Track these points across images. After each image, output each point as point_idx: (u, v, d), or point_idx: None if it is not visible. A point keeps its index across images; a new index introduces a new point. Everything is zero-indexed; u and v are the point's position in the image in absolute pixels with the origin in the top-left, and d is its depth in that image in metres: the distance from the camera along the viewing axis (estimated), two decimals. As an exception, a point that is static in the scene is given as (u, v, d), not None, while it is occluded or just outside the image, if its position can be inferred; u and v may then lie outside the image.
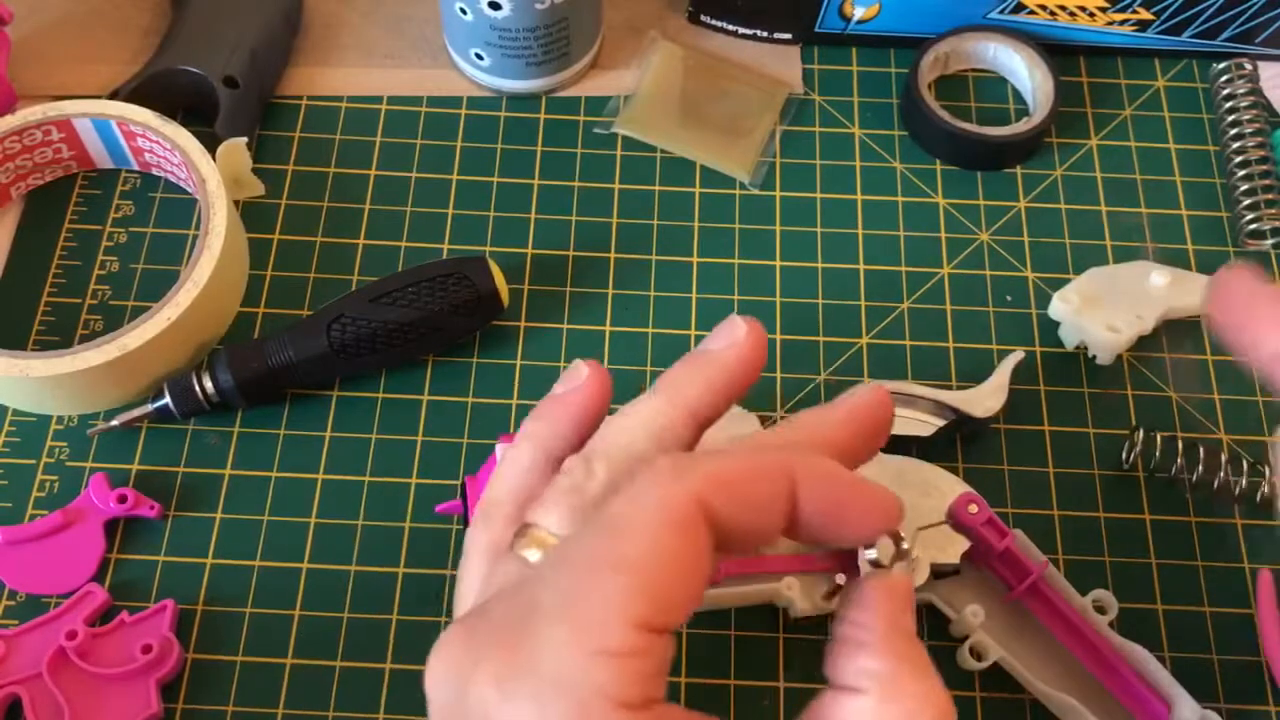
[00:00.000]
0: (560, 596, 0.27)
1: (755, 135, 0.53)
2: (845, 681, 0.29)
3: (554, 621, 0.26)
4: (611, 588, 0.26)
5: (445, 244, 0.51)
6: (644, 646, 0.26)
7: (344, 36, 0.56)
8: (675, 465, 0.28)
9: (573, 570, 0.27)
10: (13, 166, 0.50)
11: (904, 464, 0.43)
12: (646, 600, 0.26)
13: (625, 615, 0.26)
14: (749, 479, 0.28)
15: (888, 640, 0.29)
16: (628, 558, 0.27)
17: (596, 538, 0.27)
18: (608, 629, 0.26)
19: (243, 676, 0.42)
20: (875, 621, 0.29)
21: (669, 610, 0.27)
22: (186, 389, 0.45)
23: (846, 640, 0.29)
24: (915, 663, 0.29)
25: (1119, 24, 0.54)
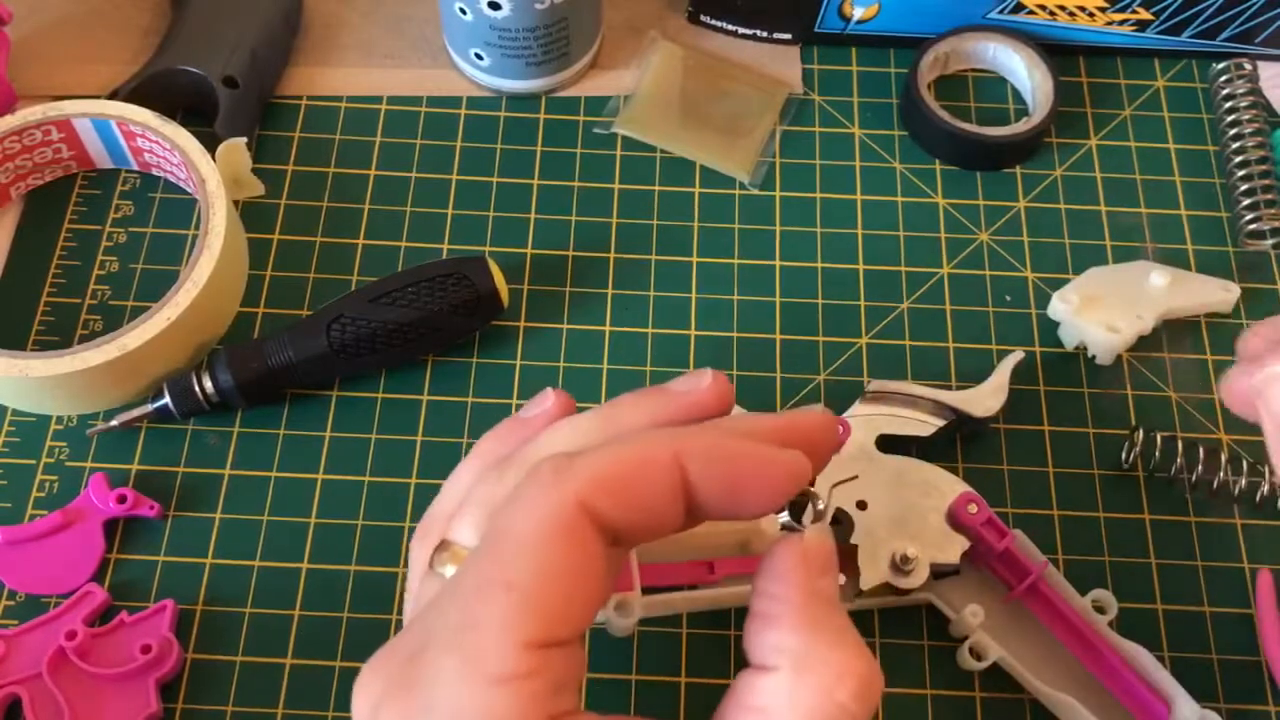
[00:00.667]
0: (450, 625, 0.26)
1: (755, 135, 0.53)
2: (759, 659, 0.27)
3: (445, 652, 0.25)
4: (496, 610, 0.25)
5: (445, 244, 0.51)
6: (538, 665, 0.25)
7: (344, 36, 0.56)
8: (554, 469, 0.27)
9: (462, 595, 0.26)
10: (12, 166, 0.50)
11: (904, 464, 0.43)
12: (534, 618, 0.25)
13: (513, 638, 0.25)
14: (633, 473, 0.27)
15: (800, 611, 0.28)
16: (510, 576, 0.26)
17: (483, 557, 0.26)
18: (497, 654, 0.25)
19: (242, 676, 0.42)
20: (786, 591, 0.28)
21: (561, 623, 0.26)
22: (186, 389, 0.45)
23: (759, 614, 0.28)
24: (831, 631, 0.28)
25: (1119, 24, 0.54)
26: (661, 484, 0.27)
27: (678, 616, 0.43)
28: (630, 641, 0.43)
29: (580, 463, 0.27)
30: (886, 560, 0.40)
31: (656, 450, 0.27)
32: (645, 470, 0.27)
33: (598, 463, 0.27)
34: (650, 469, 0.27)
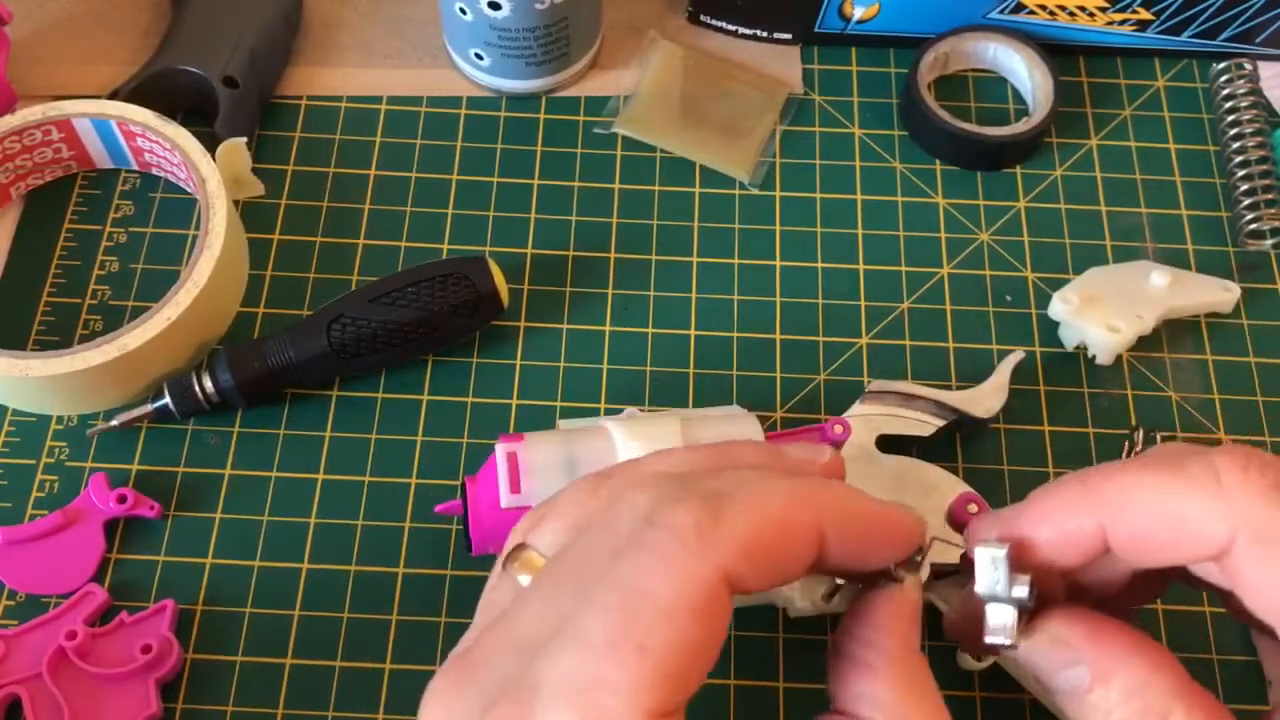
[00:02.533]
0: (567, 677, 0.25)
1: (755, 135, 0.53)
2: (849, 707, 0.27)
3: (563, 707, 0.24)
4: (628, 675, 0.24)
5: (445, 244, 0.51)
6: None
7: (344, 36, 0.56)
8: (697, 529, 0.25)
9: (588, 648, 0.25)
10: (12, 166, 0.50)
11: (904, 464, 0.43)
12: (664, 687, 0.24)
13: (640, 705, 0.24)
14: (779, 540, 0.26)
15: (897, 665, 0.27)
16: (645, 642, 0.24)
17: (616, 613, 0.25)
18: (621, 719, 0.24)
19: (242, 676, 0.42)
20: (885, 642, 0.28)
21: (685, 691, 0.25)
22: (186, 389, 0.45)
23: (853, 659, 0.28)
24: (923, 692, 0.27)
25: (1119, 24, 0.54)
26: (803, 550, 0.27)
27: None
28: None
29: (727, 528, 0.26)
30: (886, 560, 0.40)
31: (802, 515, 0.27)
32: (790, 536, 0.27)
33: (744, 528, 0.26)
34: (796, 537, 0.27)
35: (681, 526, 0.26)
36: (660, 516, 0.26)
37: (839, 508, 0.27)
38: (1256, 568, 0.27)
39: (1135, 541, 0.29)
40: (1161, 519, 0.28)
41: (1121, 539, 0.29)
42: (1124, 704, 0.28)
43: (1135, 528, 0.29)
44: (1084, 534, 0.29)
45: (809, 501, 0.27)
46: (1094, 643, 0.29)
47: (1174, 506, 0.28)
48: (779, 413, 0.47)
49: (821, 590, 0.41)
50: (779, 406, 0.47)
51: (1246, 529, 0.27)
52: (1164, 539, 0.29)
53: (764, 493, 0.27)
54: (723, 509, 0.26)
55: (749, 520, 0.26)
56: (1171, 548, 0.29)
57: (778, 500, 0.27)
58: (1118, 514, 0.29)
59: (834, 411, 0.46)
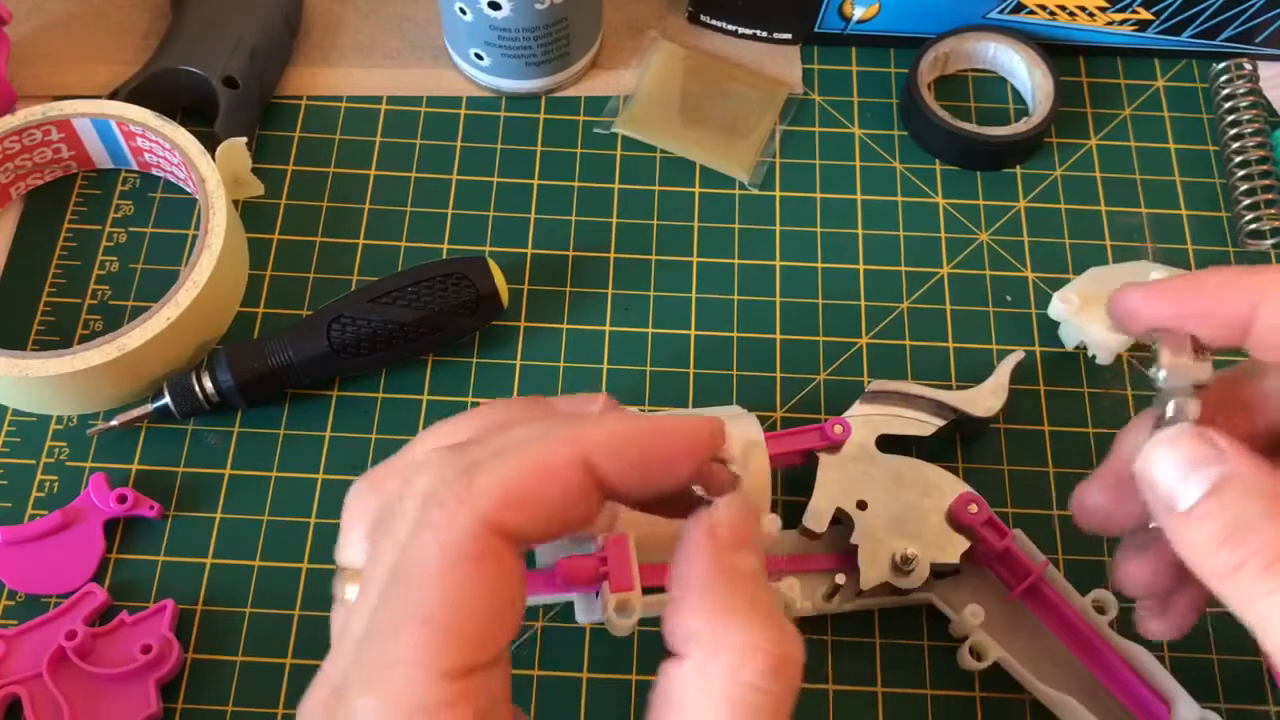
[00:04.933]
0: (363, 664, 0.25)
1: (755, 135, 0.53)
2: (673, 647, 0.27)
3: (362, 692, 0.25)
4: (413, 646, 0.25)
5: (445, 244, 0.51)
6: (461, 692, 0.25)
7: (344, 36, 0.56)
8: (454, 492, 0.26)
9: (378, 633, 0.25)
10: (12, 166, 0.50)
11: (904, 464, 0.43)
12: (454, 648, 0.25)
13: (432, 670, 0.24)
14: (539, 482, 0.26)
15: (705, 592, 0.27)
16: (425, 610, 0.25)
17: (394, 591, 0.26)
18: (418, 689, 0.24)
19: (242, 676, 0.42)
20: (691, 572, 0.27)
21: (483, 646, 0.25)
22: (186, 389, 0.45)
23: (672, 600, 0.27)
24: (739, 610, 0.26)
25: (1119, 24, 0.54)
26: (570, 485, 0.27)
27: (678, 616, 0.43)
28: (630, 641, 0.43)
29: (481, 481, 0.26)
30: (886, 560, 0.40)
31: (560, 452, 0.27)
32: (551, 476, 0.26)
33: (500, 478, 0.26)
34: (557, 474, 0.26)
35: (444, 495, 0.26)
36: (432, 494, 0.26)
37: (604, 435, 0.27)
38: None
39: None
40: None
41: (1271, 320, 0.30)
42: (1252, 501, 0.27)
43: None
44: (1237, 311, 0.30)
45: (566, 437, 0.27)
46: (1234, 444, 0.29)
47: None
48: (779, 413, 0.47)
49: (822, 590, 0.41)
50: (779, 406, 0.47)
51: None
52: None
53: (518, 440, 0.27)
54: (480, 466, 0.26)
55: (504, 469, 0.26)
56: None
57: (532, 444, 0.27)
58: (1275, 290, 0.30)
59: (834, 411, 0.46)
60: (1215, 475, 0.28)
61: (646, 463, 0.27)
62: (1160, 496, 0.29)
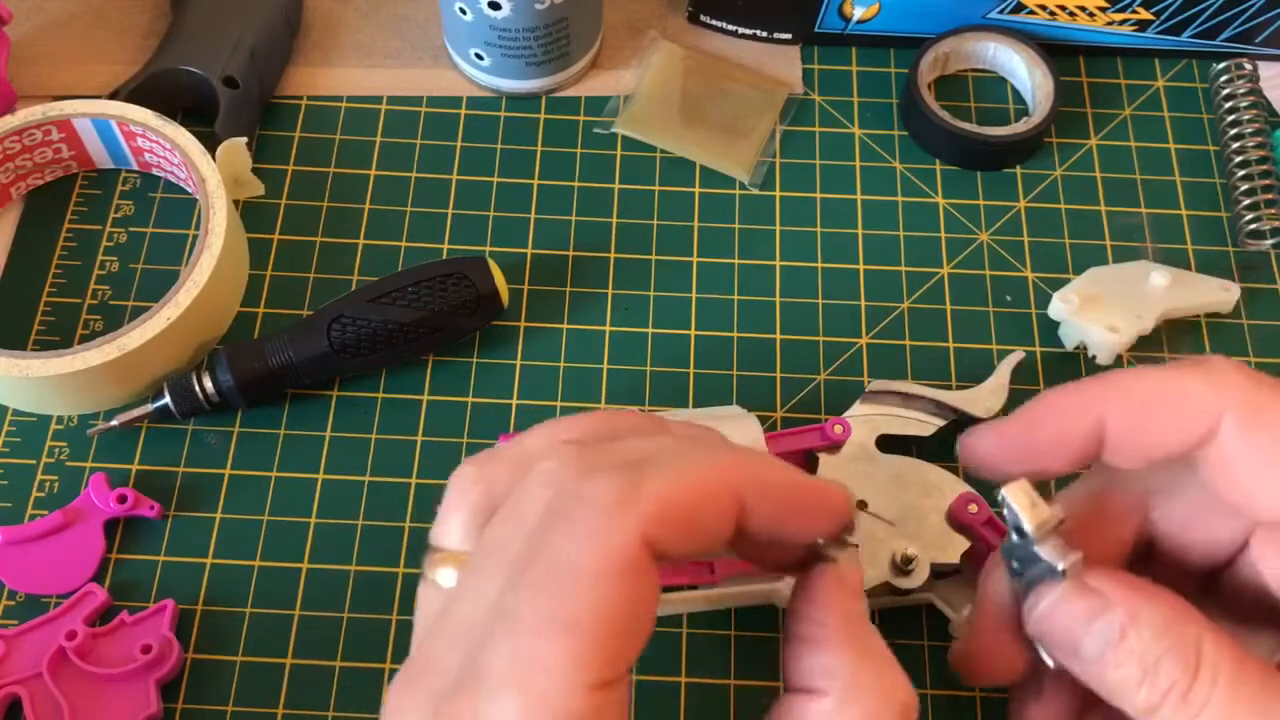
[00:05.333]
0: (507, 662, 0.25)
1: (755, 135, 0.53)
2: (803, 682, 0.27)
3: (505, 693, 0.24)
4: (562, 651, 0.24)
5: (445, 244, 0.51)
6: (603, 704, 0.25)
7: (344, 36, 0.56)
8: (616, 497, 0.26)
9: (518, 631, 0.25)
10: (13, 166, 0.50)
11: (904, 464, 0.43)
12: (600, 659, 0.25)
13: (579, 680, 0.24)
14: (698, 506, 0.26)
15: (842, 634, 0.28)
16: (574, 615, 0.25)
17: (538, 589, 0.25)
18: (565, 695, 0.24)
19: (243, 676, 0.42)
20: (828, 615, 0.28)
21: (623, 660, 0.25)
22: (186, 389, 0.45)
23: (801, 637, 0.28)
24: (875, 655, 0.28)
25: (1119, 24, 0.54)
26: (723, 515, 0.27)
27: (678, 616, 0.43)
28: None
29: (645, 493, 0.26)
30: (886, 560, 0.40)
31: (722, 479, 0.27)
32: (710, 501, 0.27)
33: (662, 492, 0.26)
34: (714, 501, 0.27)
35: (602, 495, 0.26)
36: (582, 487, 0.26)
37: (759, 477, 0.27)
38: (1237, 444, 0.29)
39: (1134, 424, 0.30)
40: (1160, 396, 0.30)
41: (1121, 424, 0.31)
42: (1157, 641, 0.29)
43: (1135, 407, 0.30)
44: (1085, 427, 0.31)
45: (728, 469, 0.27)
46: (1118, 585, 0.30)
47: (1172, 385, 0.30)
48: (779, 413, 0.47)
49: (821, 590, 0.41)
50: (779, 406, 0.47)
51: (1234, 403, 0.29)
52: (1161, 418, 0.30)
53: (683, 460, 0.27)
54: (643, 477, 0.26)
55: (668, 486, 0.26)
56: (1167, 429, 0.30)
57: (697, 467, 0.27)
58: (1120, 396, 0.31)
59: (834, 411, 0.46)
60: (1113, 625, 0.29)
61: (789, 514, 0.28)
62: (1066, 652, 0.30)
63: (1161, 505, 0.33)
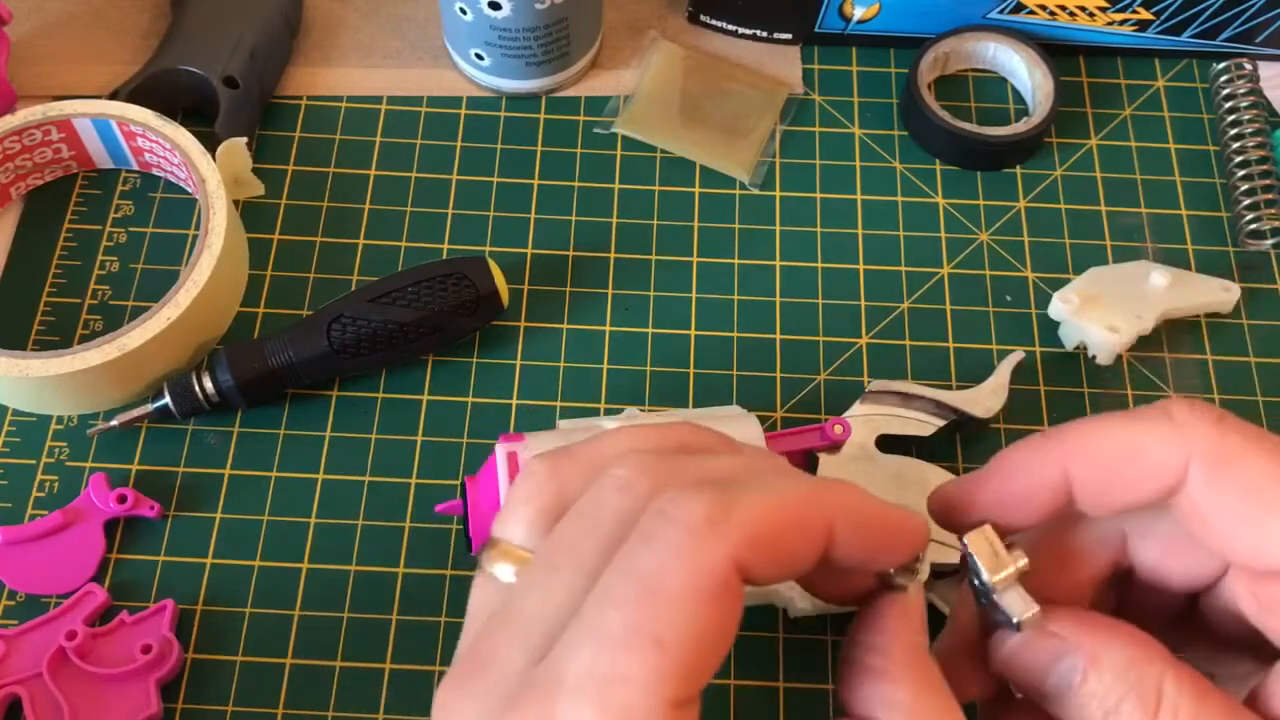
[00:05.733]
0: (587, 670, 0.24)
1: (755, 135, 0.53)
2: (863, 711, 0.27)
3: (582, 701, 0.24)
4: (648, 668, 0.24)
5: (445, 244, 0.51)
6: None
7: (344, 36, 0.56)
8: (710, 518, 0.25)
9: (601, 639, 0.25)
10: (13, 166, 0.50)
11: (904, 464, 0.43)
12: (683, 678, 0.24)
13: (660, 697, 0.24)
14: (789, 533, 0.26)
15: (907, 667, 0.28)
16: (661, 633, 0.24)
17: (626, 603, 0.25)
18: (644, 712, 0.24)
19: (243, 676, 0.42)
20: (893, 647, 0.28)
21: (702, 679, 0.25)
22: (186, 389, 0.45)
23: (864, 666, 0.28)
24: (938, 691, 0.28)
25: (1119, 24, 0.54)
26: (812, 544, 0.27)
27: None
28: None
29: (738, 516, 0.26)
30: (886, 560, 0.40)
31: (812, 512, 0.27)
32: (801, 530, 0.27)
33: (758, 518, 0.26)
34: (806, 532, 0.27)
35: (694, 516, 0.25)
36: (670, 505, 0.26)
37: (849, 506, 0.28)
38: (1205, 491, 0.29)
39: (1098, 481, 0.30)
40: (1122, 453, 0.30)
41: (1085, 481, 0.30)
42: (1118, 683, 0.29)
43: (1098, 465, 0.30)
44: (1049, 483, 0.31)
45: (819, 497, 0.27)
46: (1080, 628, 0.30)
47: (1133, 440, 0.30)
48: (779, 413, 0.47)
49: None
50: (779, 406, 0.47)
51: (1198, 453, 0.29)
52: (1125, 475, 0.30)
53: (773, 485, 0.27)
54: (735, 499, 0.26)
55: (761, 512, 0.26)
56: (1133, 484, 0.30)
57: (790, 495, 0.27)
58: (1081, 454, 0.30)
59: (834, 411, 0.46)
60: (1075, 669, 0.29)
61: (872, 544, 0.28)
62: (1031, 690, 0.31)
63: (1137, 539, 0.32)
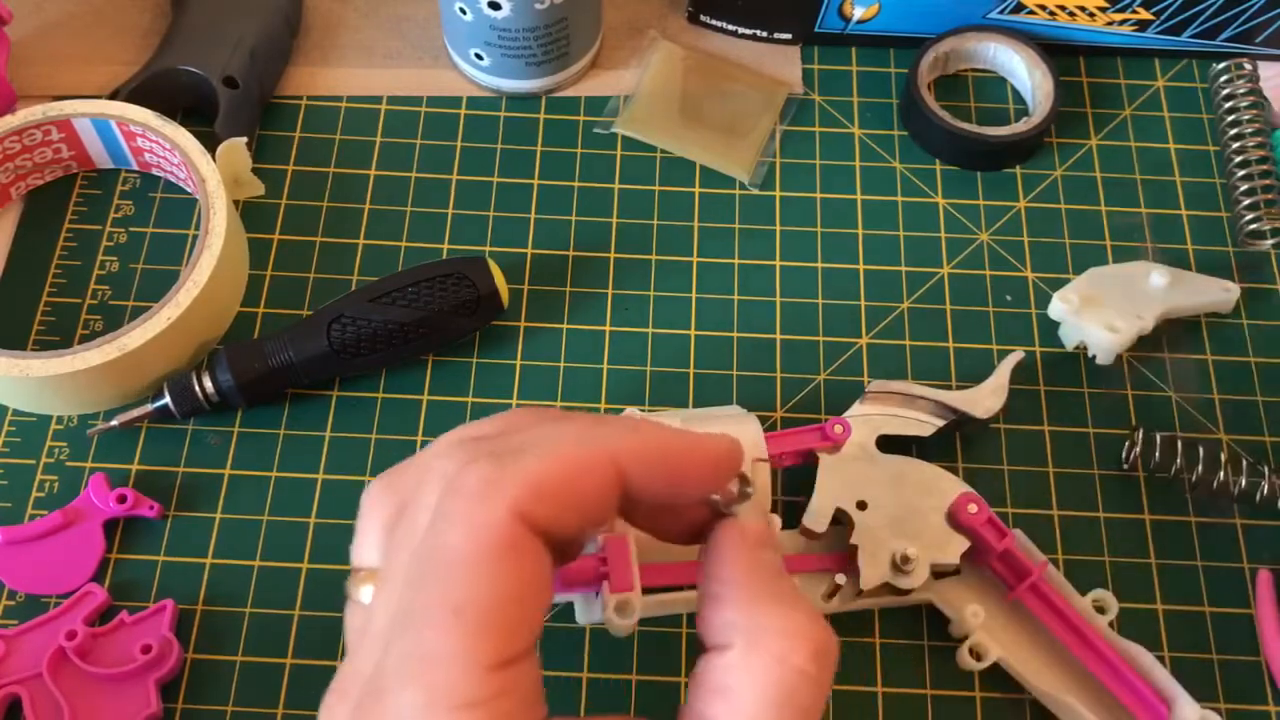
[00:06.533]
0: (404, 657, 0.25)
1: (755, 135, 0.53)
2: (713, 640, 0.27)
3: (406, 687, 0.25)
4: (452, 638, 0.25)
5: (445, 244, 0.51)
6: (504, 684, 0.25)
7: (344, 36, 0.56)
8: (483, 481, 0.26)
9: (411, 625, 0.25)
10: (13, 166, 0.50)
11: (904, 464, 0.43)
12: (491, 640, 0.25)
13: (473, 663, 0.24)
14: (571, 477, 0.27)
15: (745, 587, 0.28)
16: (457, 600, 0.25)
17: (425, 582, 0.26)
18: (461, 682, 0.24)
19: (243, 676, 0.42)
20: (728, 571, 0.28)
21: (518, 638, 0.25)
22: (186, 389, 0.45)
23: (707, 595, 0.28)
24: (778, 601, 0.27)
25: (1119, 24, 0.54)
26: (600, 484, 0.27)
27: (678, 616, 0.43)
28: (630, 641, 0.43)
29: (511, 470, 0.26)
30: (886, 560, 0.40)
31: (593, 450, 0.27)
32: (583, 473, 0.27)
33: (531, 468, 0.26)
34: (589, 472, 0.27)
35: (473, 483, 0.26)
36: (456, 480, 0.27)
37: (637, 442, 0.28)
38: None
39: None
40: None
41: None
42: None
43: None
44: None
45: (598, 438, 0.27)
46: None
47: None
48: (779, 413, 0.47)
49: (822, 590, 0.41)
50: (779, 406, 0.47)
51: None
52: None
53: (552, 436, 0.28)
54: (513, 459, 0.27)
55: (536, 462, 0.26)
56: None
57: (566, 440, 0.27)
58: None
59: (834, 411, 0.46)
60: None
61: (673, 473, 0.28)
62: None
63: None
